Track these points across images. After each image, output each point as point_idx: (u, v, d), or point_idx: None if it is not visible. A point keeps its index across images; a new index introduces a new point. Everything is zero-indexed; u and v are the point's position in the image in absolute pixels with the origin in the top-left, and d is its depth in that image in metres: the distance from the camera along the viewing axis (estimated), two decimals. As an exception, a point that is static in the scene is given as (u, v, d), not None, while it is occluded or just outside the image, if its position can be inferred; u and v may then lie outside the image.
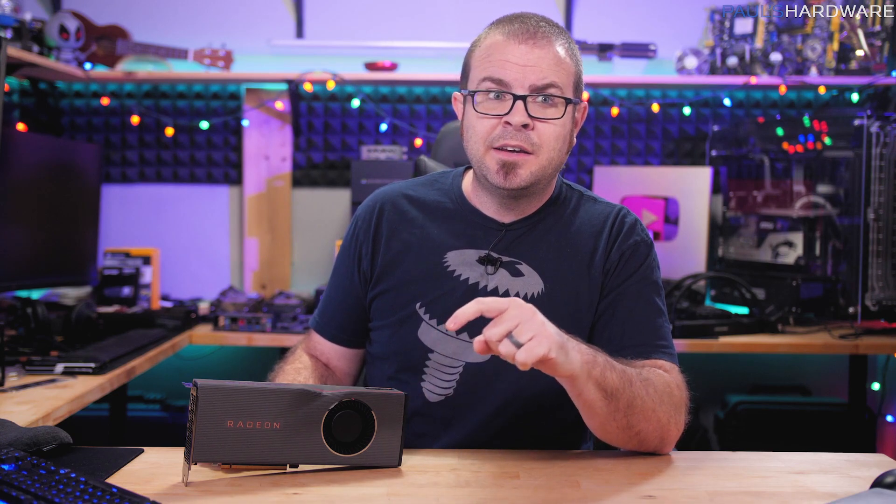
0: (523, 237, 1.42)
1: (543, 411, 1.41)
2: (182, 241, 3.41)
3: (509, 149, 1.33)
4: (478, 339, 1.11)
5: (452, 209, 1.46)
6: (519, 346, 1.07)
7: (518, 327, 1.08)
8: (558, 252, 1.41)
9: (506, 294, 1.39)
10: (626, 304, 1.40)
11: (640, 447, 1.30)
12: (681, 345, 2.71)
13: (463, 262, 1.42)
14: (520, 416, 1.40)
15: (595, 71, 3.31)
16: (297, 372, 1.47)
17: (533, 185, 1.36)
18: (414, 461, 1.26)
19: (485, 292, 1.39)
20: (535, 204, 1.44)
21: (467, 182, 1.48)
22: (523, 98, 1.32)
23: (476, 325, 1.39)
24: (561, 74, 1.34)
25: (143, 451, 1.29)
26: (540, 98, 1.33)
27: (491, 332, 1.09)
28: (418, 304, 1.42)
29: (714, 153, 3.32)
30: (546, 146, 1.34)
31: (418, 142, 3.35)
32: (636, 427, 1.25)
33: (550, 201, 1.45)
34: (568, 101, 1.35)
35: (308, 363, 1.50)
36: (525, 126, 1.32)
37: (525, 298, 1.38)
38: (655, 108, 3.33)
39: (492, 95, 1.34)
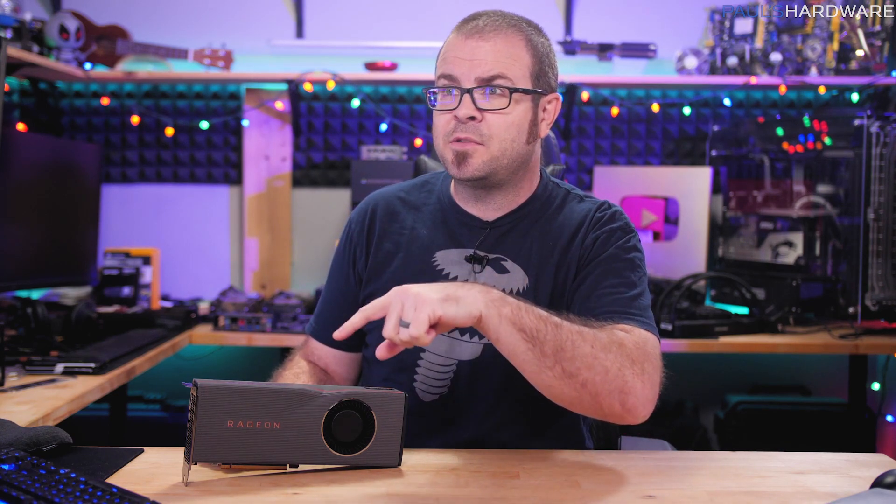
0: (507, 234, 1.44)
1: (537, 405, 1.41)
2: (182, 241, 3.42)
3: (462, 140, 1.36)
4: (379, 348, 1.18)
5: (440, 210, 1.49)
6: (407, 325, 1.11)
7: (403, 311, 1.12)
8: (541, 247, 1.43)
9: None
10: (594, 277, 1.38)
11: (598, 405, 1.20)
12: (681, 345, 2.71)
13: (451, 261, 1.44)
14: (515, 411, 1.41)
15: (595, 71, 3.31)
16: (295, 377, 1.48)
17: (491, 175, 1.38)
18: (414, 461, 1.26)
19: None
20: (514, 198, 1.45)
21: (453, 183, 1.50)
22: (469, 91, 1.35)
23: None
24: (512, 66, 1.35)
25: (143, 451, 1.29)
26: (488, 90, 1.35)
27: (387, 331, 1.13)
28: None
29: (714, 153, 3.32)
30: (496, 136, 1.35)
31: (418, 142, 3.35)
32: (579, 376, 1.17)
33: (534, 197, 1.46)
34: (514, 91, 1.35)
35: (306, 368, 1.51)
36: (472, 118, 1.35)
37: (511, 293, 1.39)
38: (655, 108, 3.33)
39: (444, 91, 1.38)
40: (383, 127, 3.35)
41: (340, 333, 1.18)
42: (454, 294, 1.14)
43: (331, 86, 3.21)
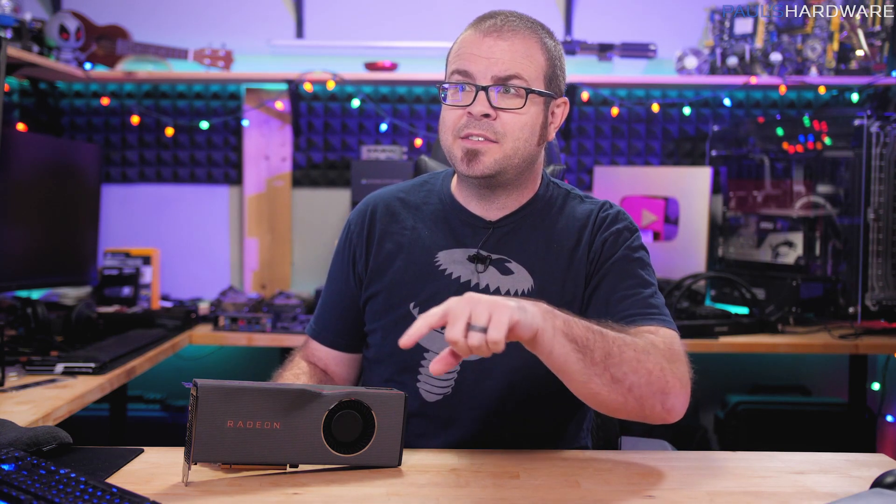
0: (511, 235, 1.44)
1: (541, 405, 1.41)
2: (182, 241, 3.41)
3: (473, 138, 1.35)
4: (435, 361, 1.07)
5: (441, 209, 1.48)
6: (483, 329, 1.04)
7: (472, 316, 1.05)
8: (546, 249, 1.43)
9: (496, 292, 1.40)
10: (609, 280, 1.39)
11: (641, 408, 1.22)
12: (681, 345, 2.70)
13: (454, 261, 1.43)
14: (518, 411, 1.41)
15: (595, 71, 3.31)
16: (295, 377, 1.48)
17: (500, 174, 1.38)
18: (414, 461, 1.26)
19: (477, 290, 1.40)
20: (517, 198, 1.45)
21: (455, 182, 1.50)
22: (485, 89, 1.34)
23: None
24: (527, 67, 1.36)
25: (143, 451, 1.29)
26: (503, 89, 1.35)
27: (453, 334, 1.04)
28: (412, 304, 1.43)
29: (714, 153, 3.32)
30: (510, 135, 1.35)
31: (418, 142, 3.35)
32: (626, 381, 1.18)
33: (536, 198, 1.46)
34: (530, 92, 1.35)
35: (306, 369, 1.51)
36: (487, 116, 1.34)
37: (515, 295, 1.40)
38: (655, 108, 3.33)
39: (458, 87, 1.37)
40: (383, 127, 3.35)
41: (406, 341, 1.07)
42: (520, 303, 1.09)
43: (331, 86, 3.21)
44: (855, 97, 3.23)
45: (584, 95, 3.28)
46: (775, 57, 3.11)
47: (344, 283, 1.52)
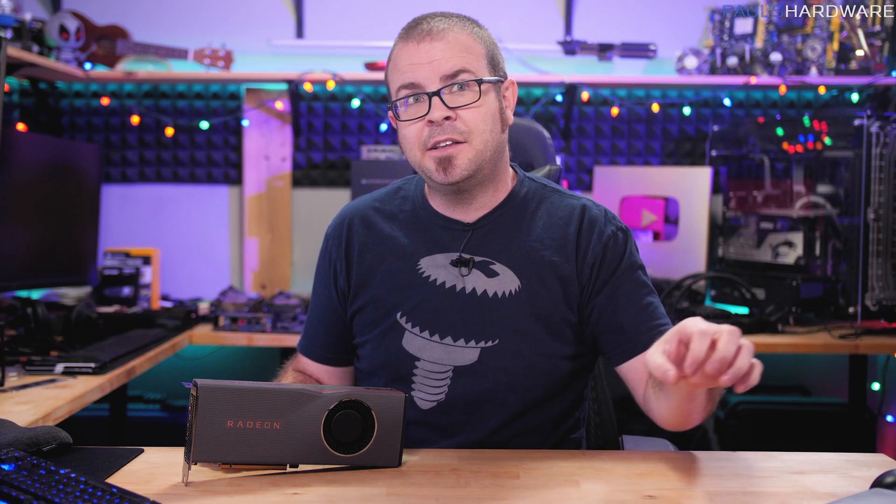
0: (491, 235, 1.42)
1: (535, 406, 1.41)
2: (182, 241, 3.42)
3: (441, 145, 1.34)
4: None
5: (417, 216, 1.47)
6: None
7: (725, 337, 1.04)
8: (530, 249, 1.41)
9: (484, 294, 1.39)
10: (624, 292, 1.40)
11: (689, 425, 1.32)
12: (681, 345, 2.70)
13: (436, 266, 1.42)
14: (514, 412, 1.40)
15: (595, 71, 3.31)
16: None
17: (477, 172, 1.36)
18: (414, 461, 1.26)
19: (463, 294, 1.40)
20: (494, 195, 1.44)
21: (429, 187, 1.49)
22: (437, 93, 1.33)
23: (461, 329, 1.39)
24: (469, 59, 1.36)
25: (143, 451, 1.29)
26: (455, 87, 1.34)
27: (728, 350, 1.02)
28: (399, 314, 1.42)
29: (714, 153, 3.32)
30: (476, 130, 1.35)
31: (418, 142, 3.34)
32: (705, 409, 1.28)
33: (512, 195, 1.45)
34: (481, 82, 1.35)
35: (300, 378, 1.52)
36: (448, 118, 1.33)
37: (503, 297, 1.39)
38: (655, 108, 3.33)
39: (410, 100, 1.36)
40: (383, 127, 3.35)
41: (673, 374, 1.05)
42: None
43: (331, 86, 3.21)
44: (855, 97, 3.23)
45: (584, 95, 3.28)
46: (775, 57, 3.11)
47: (327, 297, 1.51)
